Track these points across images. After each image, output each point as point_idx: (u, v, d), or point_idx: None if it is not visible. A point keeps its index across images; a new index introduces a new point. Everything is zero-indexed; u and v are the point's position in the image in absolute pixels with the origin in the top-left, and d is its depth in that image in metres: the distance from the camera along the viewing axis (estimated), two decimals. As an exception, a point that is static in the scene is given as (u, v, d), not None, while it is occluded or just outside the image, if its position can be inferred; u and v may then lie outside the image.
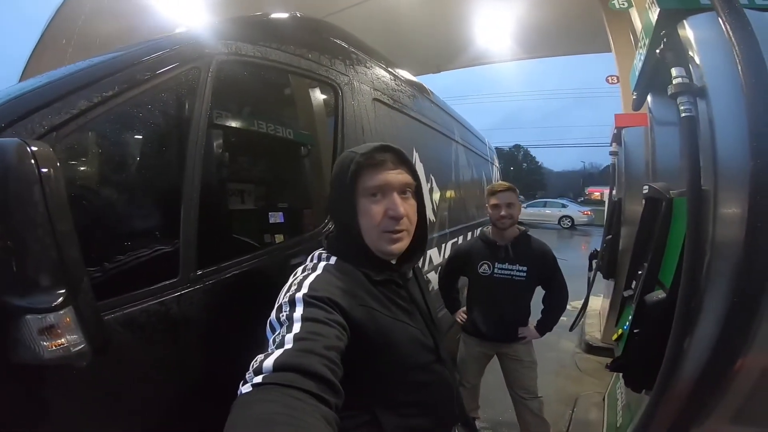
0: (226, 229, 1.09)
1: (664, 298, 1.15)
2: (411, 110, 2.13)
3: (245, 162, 1.28)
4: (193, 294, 0.82)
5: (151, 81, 0.81)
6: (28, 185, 0.45)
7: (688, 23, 1.12)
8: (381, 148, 0.76)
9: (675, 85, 1.09)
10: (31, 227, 0.45)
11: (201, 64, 0.92)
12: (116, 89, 0.74)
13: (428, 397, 0.76)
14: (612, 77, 5.98)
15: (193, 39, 0.96)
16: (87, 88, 0.71)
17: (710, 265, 0.99)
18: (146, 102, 0.83)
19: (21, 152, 0.46)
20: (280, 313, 0.61)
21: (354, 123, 1.46)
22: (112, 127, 0.80)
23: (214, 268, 0.88)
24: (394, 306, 0.75)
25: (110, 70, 0.78)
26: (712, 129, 1.00)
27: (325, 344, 0.55)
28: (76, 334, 0.48)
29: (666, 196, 1.31)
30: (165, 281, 0.79)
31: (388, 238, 0.74)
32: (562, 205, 17.00)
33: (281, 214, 1.31)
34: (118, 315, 0.70)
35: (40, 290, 0.45)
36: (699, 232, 1.02)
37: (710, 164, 1.00)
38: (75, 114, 0.67)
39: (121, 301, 0.72)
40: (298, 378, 0.48)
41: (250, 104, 1.26)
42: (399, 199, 0.74)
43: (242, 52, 1.05)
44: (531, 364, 1.80)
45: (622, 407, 1.71)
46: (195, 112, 0.87)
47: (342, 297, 0.65)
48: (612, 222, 3.24)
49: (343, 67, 1.49)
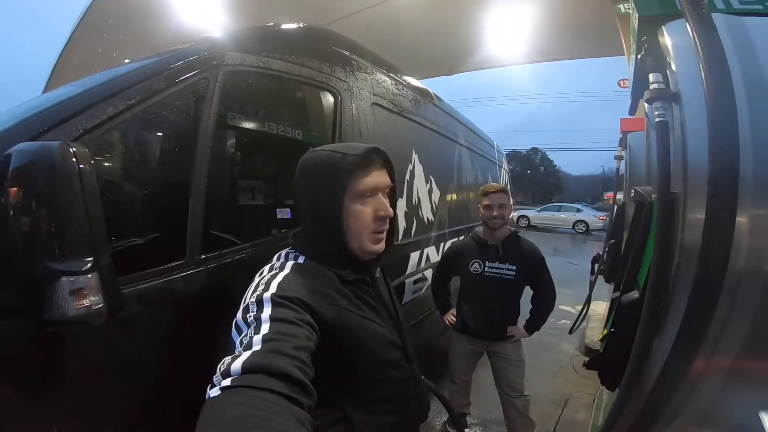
0: (227, 221, 1.22)
1: (636, 298, 1.20)
2: (412, 114, 2.22)
3: (247, 161, 1.41)
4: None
5: (167, 90, 0.95)
6: (70, 178, 0.59)
7: (666, 29, 1.14)
8: (372, 150, 0.76)
9: (650, 90, 1.12)
10: (71, 209, 0.59)
11: (210, 75, 1.04)
12: (138, 98, 0.88)
13: (397, 393, 0.77)
14: (623, 81, 5.90)
15: (202, 52, 1.09)
16: (113, 97, 0.85)
17: (678, 267, 1.00)
18: (163, 108, 0.96)
19: (65, 152, 0.60)
20: (247, 314, 0.60)
21: (352, 126, 1.57)
22: (134, 129, 0.94)
23: (216, 254, 1.01)
24: (364, 305, 0.75)
25: (132, 81, 0.91)
26: (683, 134, 1.02)
27: (294, 344, 0.54)
28: (97, 295, 0.60)
29: (647, 199, 1.36)
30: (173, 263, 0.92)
31: (375, 239, 0.75)
32: (577, 210, 16.71)
33: (288, 210, 1.44)
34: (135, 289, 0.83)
35: (74, 257, 0.58)
36: (668, 234, 1.04)
37: (681, 169, 1.03)
38: (104, 119, 0.82)
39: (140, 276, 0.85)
40: (267, 379, 0.47)
41: (253, 110, 1.39)
42: (384, 199, 0.76)
43: (246, 63, 1.17)
44: (518, 362, 1.85)
45: (604, 407, 1.75)
46: (204, 117, 1.00)
47: (311, 297, 0.65)
48: (616, 226, 3.24)
49: (343, 74, 1.60)
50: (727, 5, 1.16)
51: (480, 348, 1.92)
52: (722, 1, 1.16)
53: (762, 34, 1.06)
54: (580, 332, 3.35)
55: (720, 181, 0.90)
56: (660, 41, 1.17)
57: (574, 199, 33.45)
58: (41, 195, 0.58)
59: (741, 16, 1.10)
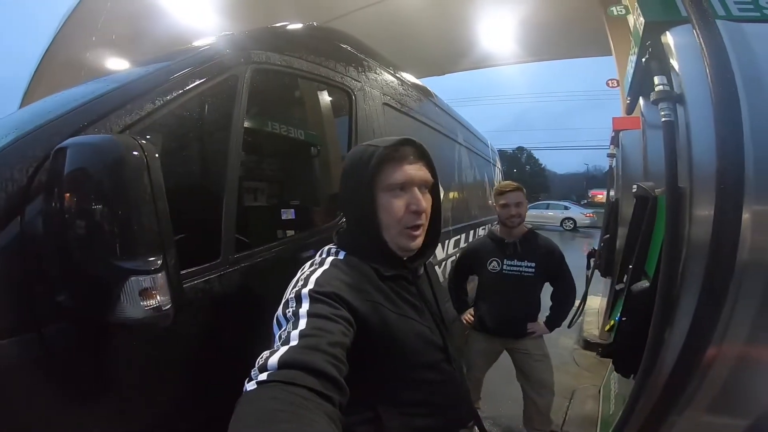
0: (255, 220, 1.23)
1: (647, 287, 1.26)
2: (417, 113, 2.25)
3: (274, 160, 1.42)
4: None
5: (199, 87, 0.95)
6: (139, 171, 0.59)
7: (670, 34, 1.20)
8: (404, 141, 0.75)
9: (656, 92, 1.18)
10: (140, 205, 0.58)
11: (238, 72, 1.05)
12: (173, 94, 0.88)
13: (435, 397, 0.74)
14: (612, 81, 6.08)
15: (230, 49, 1.09)
16: (150, 92, 0.85)
17: (686, 258, 1.06)
18: (196, 105, 0.96)
19: (132, 145, 0.60)
20: (286, 309, 0.61)
21: (366, 126, 1.59)
22: (169, 126, 0.93)
23: (248, 253, 1.02)
24: (403, 302, 0.74)
25: (166, 77, 0.91)
26: (688, 133, 1.08)
27: (330, 341, 0.55)
28: (166, 295, 0.60)
29: (651, 194, 1.43)
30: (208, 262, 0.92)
31: (408, 234, 0.74)
32: (565, 207, 17.08)
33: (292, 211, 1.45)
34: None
35: (143, 256, 0.58)
36: (676, 226, 1.10)
37: (686, 165, 1.09)
38: (142, 115, 0.81)
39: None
40: (302, 375, 0.48)
41: (277, 108, 1.40)
42: (420, 194, 0.74)
43: (271, 61, 1.18)
44: (542, 357, 1.84)
45: (615, 396, 1.81)
46: (234, 115, 1.00)
47: (348, 292, 0.65)
48: (609, 222, 3.34)
49: (355, 74, 1.62)
50: (728, 12, 1.23)
51: (499, 346, 1.91)
52: (723, 9, 1.23)
53: (759, 39, 1.14)
54: (577, 326, 3.45)
55: (728, 177, 0.95)
56: (664, 45, 1.23)
57: (561, 196, 34.07)
58: (108, 191, 0.57)
59: (740, 22, 1.17)
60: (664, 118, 1.18)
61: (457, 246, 2.80)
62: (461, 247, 2.81)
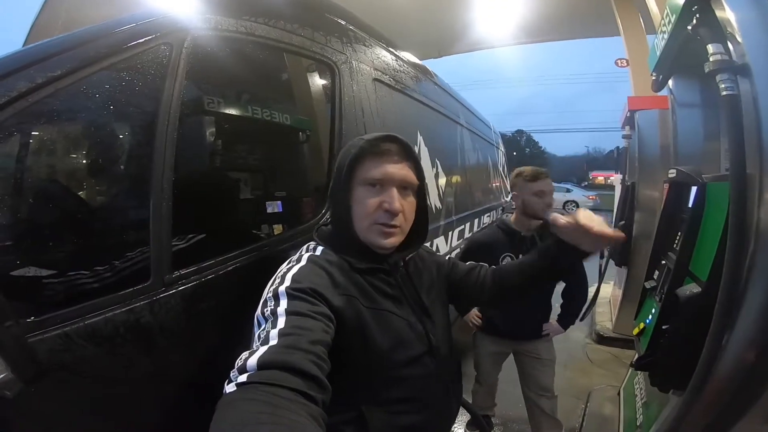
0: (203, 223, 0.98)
1: (699, 292, 1.04)
2: (414, 92, 2.00)
3: (225, 150, 1.16)
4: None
5: (110, 58, 0.69)
6: None
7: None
8: (387, 138, 0.75)
9: (713, 62, 0.99)
10: None
11: (173, 40, 0.79)
12: (66, 68, 0.63)
13: (420, 392, 0.72)
14: (621, 60, 5.74)
15: (163, 12, 0.83)
16: (29, 68, 0.59)
17: (754, 256, 0.90)
18: (105, 83, 0.71)
19: None
20: (264, 308, 0.60)
21: (353, 104, 1.34)
22: (55, 113, 0.68)
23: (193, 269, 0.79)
24: (380, 295, 0.72)
25: (62, 47, 0.65)
26: (756, 108, 0.91)
27: (310, 339, 0.53)
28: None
29: (699, 180, 1.19)
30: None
31: (379, 231, 0.72)
32: (567, 190, 16.77)
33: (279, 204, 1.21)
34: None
35: None
36: (743, 219, 0.92)
37: (755, 147, 0.91)
38: (13, 97, 0.56)
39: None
40: (282, 376, 0.47)
41: (232, 85, 1.13)
42: (397, 194, 0.72)
43: (223, 27, 0.92)
44: (550, 362, 1.71)
45: (642, 404, 1.63)
46: (165, 94, 0.75)
47: (324, 286, 0.64)
48: (625, 207, 3.12)
49: (339, 45, 1.36)
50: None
51: (507, 349, 1.78)
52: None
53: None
54: (588, 318, 3.25)
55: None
56: (715, 10, 1.04)
57: (561, 179, 33.87)
58: None
59: None
60: (725, 91, 0.97)
61: (461, 237, 2.58)
62: (465, 237, 2.59)
